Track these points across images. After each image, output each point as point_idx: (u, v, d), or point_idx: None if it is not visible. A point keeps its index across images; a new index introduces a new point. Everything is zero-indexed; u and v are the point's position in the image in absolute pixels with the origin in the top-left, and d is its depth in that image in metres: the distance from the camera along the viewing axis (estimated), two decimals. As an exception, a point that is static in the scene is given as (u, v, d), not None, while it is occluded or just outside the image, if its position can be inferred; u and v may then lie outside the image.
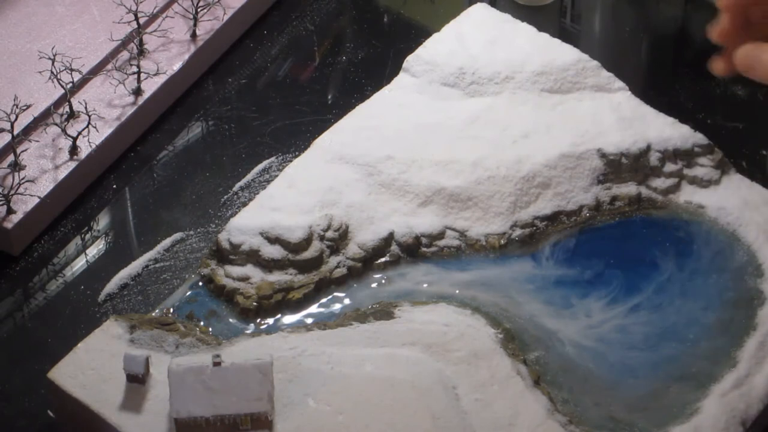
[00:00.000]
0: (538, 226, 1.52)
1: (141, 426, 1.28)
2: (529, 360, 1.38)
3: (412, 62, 1.67)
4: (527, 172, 1.54)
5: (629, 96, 1.63)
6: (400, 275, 1.48)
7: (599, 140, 1.57)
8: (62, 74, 1.59)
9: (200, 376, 1.27)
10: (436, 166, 1.54)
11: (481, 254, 1.50)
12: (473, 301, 1.44)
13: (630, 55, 1.79)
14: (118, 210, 1.59)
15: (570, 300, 1.45)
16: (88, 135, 1.57)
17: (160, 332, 1.37)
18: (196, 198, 1.60)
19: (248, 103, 1.71)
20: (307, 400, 1.31)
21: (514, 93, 1.63)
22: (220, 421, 1.26)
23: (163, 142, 1.66)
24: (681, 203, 1.56)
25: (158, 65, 1.67)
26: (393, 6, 1.88)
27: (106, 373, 1.32)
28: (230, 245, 1.47)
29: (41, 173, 1.55)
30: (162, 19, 1.71)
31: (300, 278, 1.46)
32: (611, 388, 1.36)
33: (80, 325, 1.44)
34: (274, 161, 1.63)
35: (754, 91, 1.70)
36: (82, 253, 1.54)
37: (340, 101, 1.71)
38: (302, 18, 1.84)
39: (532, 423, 1.30)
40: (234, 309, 1.43)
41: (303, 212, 1.49)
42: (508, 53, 1.67)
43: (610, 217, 1.55)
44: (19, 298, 1.50)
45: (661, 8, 1.85)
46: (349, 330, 1.39)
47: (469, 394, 1.33)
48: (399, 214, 1.51)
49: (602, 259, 1.49)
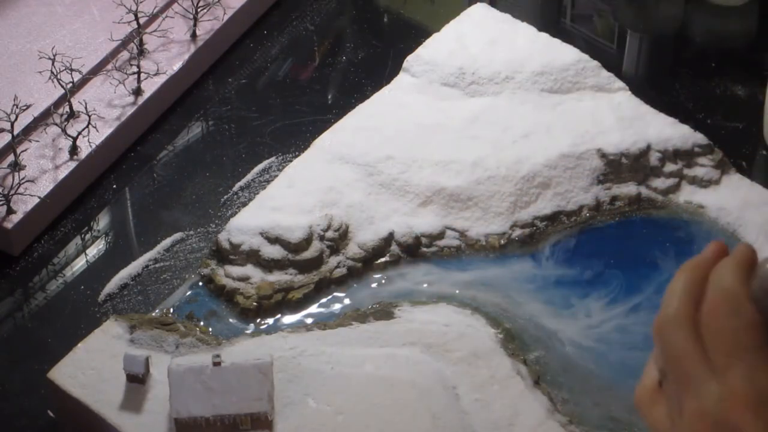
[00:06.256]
0: (538, 226, 1.52)
1: (141, 426, 1.28)
2: (529, 360, 1.38)
3: (412, 62, 1.67)
4: (527, 172, 1.54)
5: (629, 96, 1.63)
6: (400, 275, 1.48)
7: (599, 140, 1.57)
8: (62, 74, 1.59)
9: (200, 376, 1.27)
10: (436, 166, 1.54)
11: (481, 254, 1.50)
12: (473, 301, 1.44)
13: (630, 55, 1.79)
14: (118, 210, 1.59)
15: (570, 300, 1.45)
16: (88, 135, 1.57)
17: (160, 332, 1.37)
18: (196, 198, 1.60)
19: (248, 103, 1.71)
20: (307, 400, 1.31)
21: (514, 93, 1.63)
22: (220, 421, 1.26)
23: (163, 142, 1.66)
24: (681, 203, 1.56)
25: (158, 65, 1.67)
26: (393, 6, 1.88)
27: (106, 373, 1.32)
28: (230, 245, 1.47)
29: (41, 173, 1.55)
30: (162, 19, 1.71)
31: (300, 278, 1.46)
32: (611, 388, 1.36)
33: (80, 325, 1.44)
34: (274, 161, 1.63)
35: (754, 91, 1.70)
36: (82, 253, 1.54)
37: (340, 101, 1.70)
38: (302, 18, 1.84)
39: (532, 423, 1.30)
40: (234, 309, 1.43)
41: (303, 212, 1.49)
42: (508, 53, 1.67)
43: (610, 217, 1.55)
44: (19, 298, 1.50)
45: (661, 8, 1.85)
46: (349, 330, 1.39)
47: (469, 394, 1.33)
48: (399, 214, 1.51)
49: (602, 259, 1.49)
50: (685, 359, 0.70)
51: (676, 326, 0.71)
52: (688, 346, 0.71)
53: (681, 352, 0.71)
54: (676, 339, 0.71)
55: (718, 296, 0.71)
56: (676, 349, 0.71)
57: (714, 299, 0.71)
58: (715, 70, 1.75)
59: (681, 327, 0.71)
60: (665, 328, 0.71)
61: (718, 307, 0.70)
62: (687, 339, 0.71)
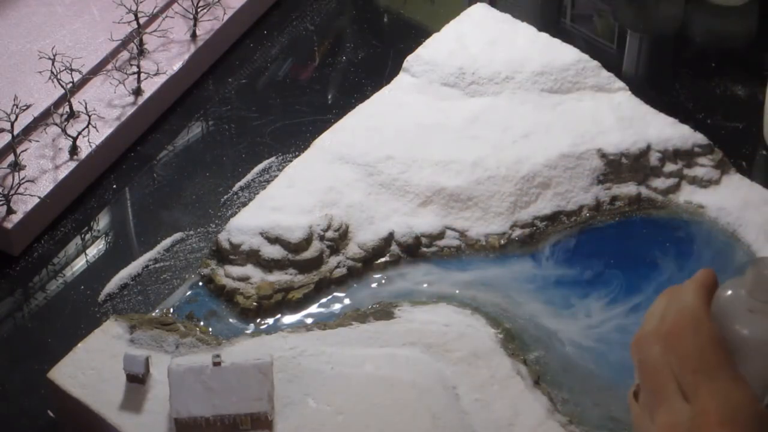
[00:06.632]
0: (538, 226, 1.52)
1: (141, 426, 1.28)
2: (529, 360, 1.38)
3: (412, 62, 1.67)
4: (527, 172, 1.54)
5: (629, 96, 1.63)
6: (400, 275, 1.48)
7: (599, 140, 1.57)
8: (62, 74, 1.59)
9: (200, 376, 1.27)
10: (436, 166, 1.54)
11: (481, 254, 1.50)
12: (473, 301, 1.44)
13: (630, 55, 1.79)
14: (118, 210, 1.59)
15: (570, 300, 1.45)
16: (88, 135, 1.57)
17: (160, 332, 1.37)
18: (196, 198, 1.60)
19: (248, 103, 1.71)
20: (307, 400, 1.31)
21: (514, 93, 1.63)
22: (220, 421, 1.26)
23: (163, 142, 1.66)
24: (681, 203, 1.56)
25: (158, 65, 1.67)
26: (393, 6, 1.88)
27: (106, 373, 1.32)
28: (230, 245, 1.47)
29: (41, 173, 1.55)
30: (162, 19, 1.71)
31: (300, 278, 1.46)
32: (611, 388, 1.36)
33: (80, 325, 1.44)
34: (274, 161, 1.63)
35: (754, 91, 1.70)
36: (82, 253, 1.54)
37: (340, 101, 1.70)
38: (302, 18, 1.84)
39: (532, 423, 1.30)
40: (234, 309, 1.43)
41: (303, 212, 1.49)
42: (508, 53, 1.67)
43: (610, 217, 1.55)
44: (19, 298, 1.50)
45: (661, 8, 1.85)
46: (349, 330, 1.39)
47: (469, 394, 1.33)
48: (399, 214, 1.51)
49: (602, 259, 1.49)
50: (658, 375, 0.72)
51: (651, 342, 0.72)
52: (660, 362, 0.72)
53: (653, 368, 0.72)
54: (649, 354, 0.72)
55: (679, 315, 0.72)
56: (649, 365, 0.72)
57: (675, 318, 0.72)
58: (715, 70, 1.75)
59: (655, 344, 0.72)
60: (641, 344, 0.73)
61: (680, 326, 0.71)
62: (660, 355, 0.72)
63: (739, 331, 0.71)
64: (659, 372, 0.72)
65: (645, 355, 0.73)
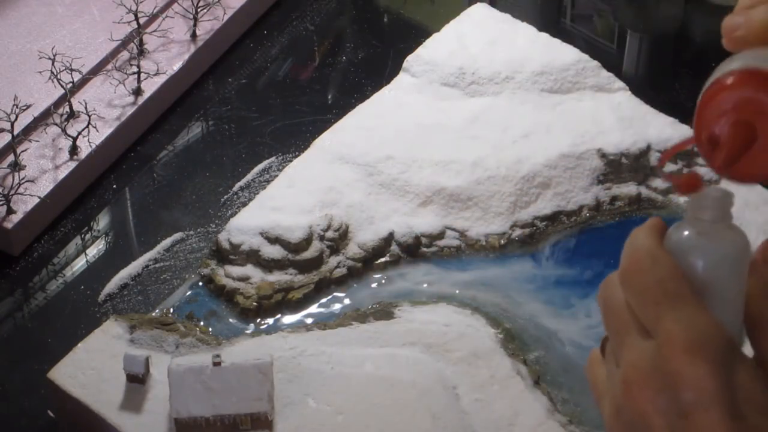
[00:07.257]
0: (538, 226, 1.52)
1: (141, 426, 1.28)
2: (529, 360, 1.38)
3: (412, 62, 1.67)
4: (527, 172, 1.54)
5: (629, 96, 1.63)
6: (400, 275, 1.48)
7: (599, 140, 1.57)
8: (62, 74, 1.59)
9: (200, 376, 1.27)
10: (436, 166, 1.54)
11: (481, 254, 1.50)
12: (473, 301, 1.44)
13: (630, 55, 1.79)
14: (118, 210, 1.59)
15: (570, 300, 1.45)
16: (88, 135, 1.57)
17: (160, 332, 1.37)
18: (196, 198, 1.60)
19: (248, 103, 1.71)
20: (307, 400, 1.31)
21: (514, 93, 1.63)
22: (220, 421, 1.26)
23: (163, 142, 1.66)
24: (681, 203, 1.56)
25: (158, 65, 1.67)
26: (393, 6, 1.88)
27: (106, 373, 1.32)
28: (230, 245, 1.47)
29: (41, 173, 1.55)
30: (162, 19, 1.71)
31: (300, 278, 1.46)
32: (611, 388, 1.36)
33: (80, 325, 1.44)
34: (274, 161, 1.63)
35: (754, 91, 1.70)
36: (82, 253, 1.54)
37: (340, 101, 1.70)
38: (302, 18, 1.84)
39: (532, 423, 1.30)
40: (234, 309, 1.43)
41: (303, 212, 1.49)
42: (508, 53, 1.67)
43: (610, 217, 1.55)
44: (19, 298, 1.50)
45: (661, 8, 1.85)
46: (349, 330, 1.39)
47: (469, 394, 1.33)
48: (399, 214, 1.51)
49: (602, 259, 1.49)
50: (622, 313, 0.71)
51: (615, 284, 0.73)
52: (621, 302, 0.72)
53: (617, 308, 0.72)
54: (612, 294, 0.72)
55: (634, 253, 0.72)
56: (613, 305, 0.72)
57: (631, 258, 0.72)
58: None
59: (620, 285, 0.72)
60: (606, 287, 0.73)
61: (636, 262, 0.71)
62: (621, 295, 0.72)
63: (695, 263, 0.70)
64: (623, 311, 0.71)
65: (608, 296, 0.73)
